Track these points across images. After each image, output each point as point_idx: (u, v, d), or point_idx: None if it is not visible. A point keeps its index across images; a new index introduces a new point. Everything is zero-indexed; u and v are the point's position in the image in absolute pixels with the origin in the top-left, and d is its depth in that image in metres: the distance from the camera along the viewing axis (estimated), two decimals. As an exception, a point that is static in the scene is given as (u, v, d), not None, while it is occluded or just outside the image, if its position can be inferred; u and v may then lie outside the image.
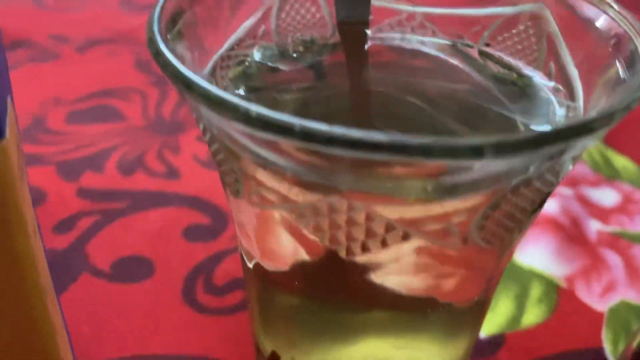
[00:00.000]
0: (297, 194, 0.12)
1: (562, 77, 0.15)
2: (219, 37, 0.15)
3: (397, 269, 0.13)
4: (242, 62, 0.16)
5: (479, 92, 0.16)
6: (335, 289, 0.15)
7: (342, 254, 0.13)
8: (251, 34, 0.16)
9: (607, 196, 0.31)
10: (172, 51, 0.12)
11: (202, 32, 0.15)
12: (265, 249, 0.15)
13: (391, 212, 0.11)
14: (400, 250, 0.12)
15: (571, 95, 0.14)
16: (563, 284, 0.26)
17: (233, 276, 0.25)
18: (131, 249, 0.25)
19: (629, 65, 0.12)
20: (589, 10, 0.15)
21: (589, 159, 0.34)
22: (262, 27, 0.17)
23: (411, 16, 0.18)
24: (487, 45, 0.17)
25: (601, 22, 0.14)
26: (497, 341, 0.23)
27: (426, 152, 0.09)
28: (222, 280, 0.24)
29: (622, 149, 0.35)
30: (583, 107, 0.13)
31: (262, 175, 0.12)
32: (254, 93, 0.15)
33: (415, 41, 0.18)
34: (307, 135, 0.09)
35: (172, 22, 0.14)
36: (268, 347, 0.17)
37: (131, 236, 0.26)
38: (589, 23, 0.15)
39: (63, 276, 0.24)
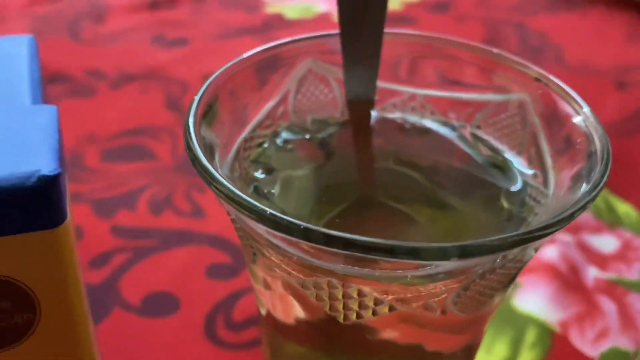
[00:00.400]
0: (301, 272, 0.14)
1: (540, 164, 0.17)
2: (243, 121, 0.18)
3: (386, 331, 0.15)
4: (262, 143, 0.18)
5: (470, 169, 0.18)
6: (334, 343, 0.17)
7: (340, 319, 0.15)
8: (271, 115, 0.19)
9: (606, 243, 0.33)
10: (203, 139, 0.14)
11: (229, 118, 0.17)
12: (275, 305, 0.17)
13: (378, 291, 0.13)
14: (388, 319, 0.14)
15: (545, 182, 0.16)
16: (557, 329, 0.28)
17: (250, 313, 0.27)
18: (159, 285, 0.28)
19: (590, 166, 0.15)
20: (564, 107, 0.17)
21: (592, 206, 0.35)
22: (281, 109, 0.19)
23: (412, 97, 0.20)
24: (478, 127, 0.19)
25: (573, 120, 0.16)
26: (492, 384, 0.25)
27: (404, 253, 0.11)
28: (240, 317, 0.27)
29: (627, 196, 0.36)
30: (552, 196, 0.16)
31: (274, 256, 0.14)
32: (271, 173, 0.17)
33: (415, 120, 0.20)
34: (308, 236, 0.12)
35: (205, 113, 0.16)
36: None
37: (160, 273, 0.28)
38: (563, 119, 0.17)
39: (98, 310, 0.26)
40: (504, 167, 0.18)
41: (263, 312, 0.18)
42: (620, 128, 0.42)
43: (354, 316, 0.14)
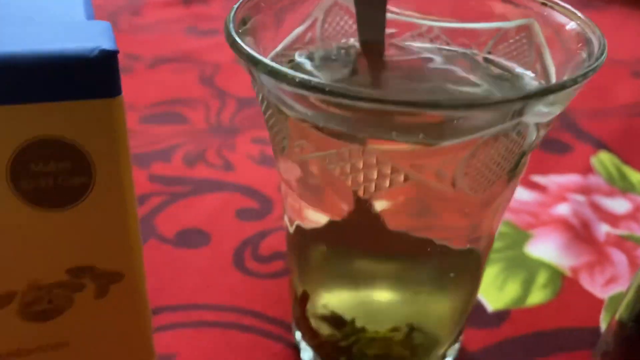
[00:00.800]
0: (326, 143, 0.16)
1: (545, 76, 0.19)
2: (274, 40, 0.20)
3: (401, 214, 0.17)
4: (291, 61, 0.20)
5: (481, 81, 0.20)
6: (356, 238, 0.18)
7: (361, 193, 0.17)
8: (300, 39, 0.21)
9: (619, 205, 0.34)
10: (243, 42, 0.17)
11: (262, 34, 0.20)
12: (304, 195, 0.19)
13: (395, 157, 0.15)
14: (403, 193, 0.16)
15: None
16: (568, 273, 0.29)
17: (276, 249, 0.29)
18: (192, 223, 0.30)
19: (589, 51, 0.16)
20: (566, 23, 0.19)
21: (605, 172, 0.37)
22: (309, 35, 0.21)
23: (429, 29, 0.22)
24: (490, 53, 0.21)
25: (574, 31, 0.18)
26: (502, 315, 0.26)
27: (416, 104, 0.13)
28: (267, 251, 0.29)
29: (639, 168, 0.37)
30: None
31: (302, 129, 0.16)
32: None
33: (433, 49, 0.22)
34: (332, 92, 0.14)
35: (242, 24, 0.18)
36: (300, 289, 0.21)
37: (192, 213, 0.30)
38: (566, 33, 0.18)
39: (135, 241, 0.28)
40: (512, 81, 0.20)
41: (292, 228, 0.20)
42: (634, 110, 0.44)
43: (372, 187, 0.16)
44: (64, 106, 0.15)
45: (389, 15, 0.22)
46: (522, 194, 0.34)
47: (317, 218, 0.19)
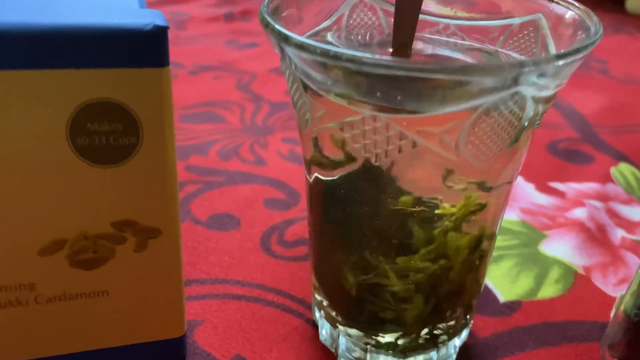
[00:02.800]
0: (342, 112, 0.18)
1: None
2: (302, 29, 0.22)
3: (411, 179, 0.19)
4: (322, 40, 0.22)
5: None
6: (369, 195, 0.20)
7: (373, 160, 0.18)
8: (327, 29, 0.23)
9: (636, 212, 0.35)
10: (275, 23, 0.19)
11: (290, 26, 0.22)
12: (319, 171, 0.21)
13: (403, 124, 0.17)
14: (411, 159, 0.18)
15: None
16: (581, 271, 0.30)
17: (300, 236, 0.31)
18: (224, 209, 0.32)
19: (587, 37, 0.18)
20: (570, 15, 0.20)
21: (624, 182, 0.37)
22: (335, 27, 0.23)
23: (446, 27, 0.24)
24: (501, 47, 0.23)
25: (575, 21, 0.20)
26: (514, 306, 0.28)
27: (416, 68, 0.15)
28: (292, 237, 0.30)
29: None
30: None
31: (321, 100, 0.18)
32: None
33: (450, 44, 0.24)
34: (350, 59, 0.16)
35: (274, 12, 0.21)
36: (316, 247, 0.23)
37: (224, 201, 0.33)
38: (568, 24, 0.20)
39: (171, 222, 0.31)
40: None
41: (311, 178, 0.22)
42: (660, 126, 0.45)
43: (383, 155, 0.18)
44: (119, 72, 0.18)
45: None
46: (539, 198, 0.35)
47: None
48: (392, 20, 0.24)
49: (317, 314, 0.25)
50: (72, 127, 0.18)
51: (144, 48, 0.18)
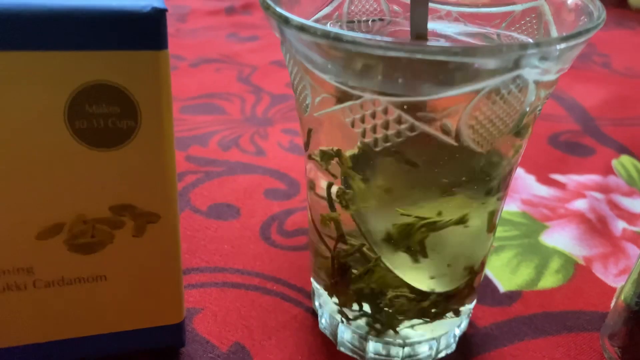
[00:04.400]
0: (343, 96, 0.18)
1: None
2: (303, 16, 0.22)
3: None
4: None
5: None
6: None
7: (373, 146, 0.18)
8: (328, 16, 0.23)
9: (638, 204, 0.35)
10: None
11: (292, 10, 0.22)
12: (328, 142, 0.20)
13: (402, 107, 0.17)
14: (411, 145, 0.18)
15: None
16: (581, 262, 0.30)
17: (299, 226, 0.30)
18: (223, 199, 0.32)
19: (590, 21, 0.18)
20: (572, 1, 0.20)
21: (625, 174, 0.37)
22: (336, 14, 0.23)
23: (448, 13, 0.24)
24: (503, 30, 0.23)
25: (578, 6, 0.20)
26: (514, 296, 0.27)
27: (427, 50, 0.15)
28: (291, 227, 0.30)
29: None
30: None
31: (322, 84, 0.18)
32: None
33: (452, 30, 0.23)
34: (351, 40, 0.15)
35: (275, -1, 0.21)
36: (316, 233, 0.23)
37: (224, 191, 0.33)
38: (571, 8, 0.20)
39: (170, 211, 0.30)
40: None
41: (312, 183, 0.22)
42: (662, 119, 0.45)
43: (382, 140, 0.18)
44: (118, 55, 0.18)
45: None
46: (541, 190, 0.35)
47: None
48: (393, 7, 0.24)
49: (316, 303, 0.25)
50: (70, 109, 0.18)
51: (142, 30, 0.18)
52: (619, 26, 0.67)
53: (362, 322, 0.23)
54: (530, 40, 0.15)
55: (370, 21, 0.23)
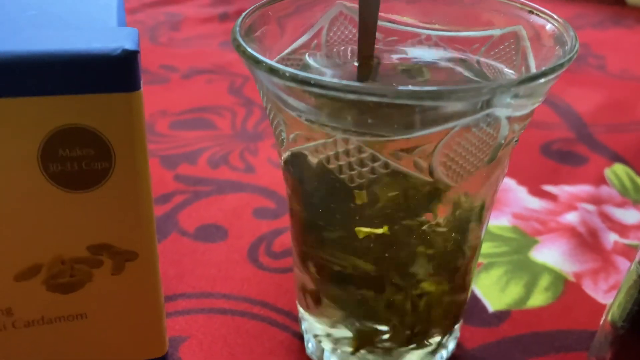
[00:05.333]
0: (316, 134, 0.17)
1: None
2: (281, 45, 0.22)
3: (389, 198, 0.19)
4: (298, 65, 0.22)
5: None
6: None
7: (348, 182, 0.18)
8: (306, 45, 0.23)
9: (630, 215, 0.34)
10: (247, 46, 0.18)
11: (269, 41, 0.21)
12: (296, 187, 0.20)
13: (375, 147, 0.17)
14: (385, 185, 0.18)
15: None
16: (571, 278, 0.30)
17: (287, 246, 0.30)
18: (212, 219, 0.32)
19: (563, 53, 0.18)
20: (548, 28, 0.20)
21: (618, 184, 0.37)
22: (315, 42, 0.23)
23: (428, 37, 0.24)
24: (482, 57, 0.22)
25: (553, 35, 0.20)
26: (502, 315, 0.27)
27: (393, 94, 0.15)
28: (279, 248, 0.30)
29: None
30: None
31: (295, 122, 0.18)
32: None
33: (430, 55, 0.23)
34: (318, 84, 0.15)
35: (249, 30, 0.20)
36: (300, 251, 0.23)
37: (212, 211, 0.32)
38: (547, 37, 0.20)
39: (158, 234, 0.30)
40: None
41: (293, 206, 0.22)
42: (656, 124, 0.44)
43: (356, 177, 0.18)
44: (89, 98, 0.18)
45: (391, 25, 0.24)
46: (532, 203, 0.35)
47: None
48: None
49: (303, 326, 0.25)
50: (43, 153, 0.18)
51: (113, 73, 0.17)
52: (616, 25, 0.67)
53: (348, 347, 0.23)
54: (499, 82, 0.15)
55: (349, 50, 0.23)
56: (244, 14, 0.20)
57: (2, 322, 0.19)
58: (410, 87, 0.15)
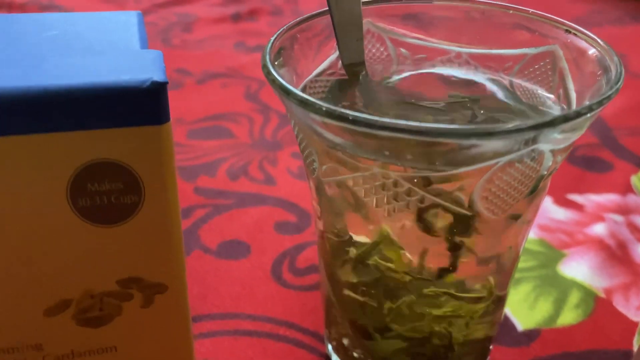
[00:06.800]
0: (350, 167, 0.17)
1: (566, 100, 0.19)
2: (309, 67, 0.21)
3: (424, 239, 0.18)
4: (326, 86, 0.21)
5: (505, 107, 0.21)
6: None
7: (385, 212, 0.18)
8: (332, 66, 0.22)
9: (658, 226, 0.34)
10: (277, 73, 0.18)
11: (298, 62, 0.21)
12: (330, 219, 0.20)
13: (411, 181, 0.16)
14: (423, 214, 0.17)
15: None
16: (601, 294, 0.29)
17: (312, 262, 0.30)
18: (234, 235, 0.31)
19: (607, 80, 0.17)
20: (584, 46, 0.19)
21: (645, 192, 0.36)
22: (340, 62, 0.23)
23: (458, 55, 0.23)
24: (516, 77, 0.22)
25: (595, 58, 0.19)
26: (532, 334, 0.27)
27: (426, 132, 0.14)
28: (303, 264, 0.30)
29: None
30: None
31: (329, 154, 0.17)
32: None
33: (460, 73, 0.23)
34: (356, 121, 0.15)
35: (277, 55, 0.20)
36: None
37: (234, 226, 0.32)
38: (587, 59, 0.19)
39: (181, 251, 0.30)
40: (535, 107, 0.20)
41: (321, 237, 0.22)
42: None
43: (393, 209, 0.17)
44: (118, 132, 0.17)
45: (418, 42, 0.23)
46: (558, 213, 0.34)
47: (343, 234, 0.20)
48: (400, 50, 0.24)
49: (329, 348, 0.25)
50: (72, 188, 0.17)
51: (142, 106, 0.17)
52: (636, 21, 0.66)
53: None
54: (546, 119, 0.14)
55: (377, 67, 0.23)
56: (273, 37, 0.20)
57: (33, 357, 0.19)
58: (454, 125, 0.14)
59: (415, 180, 0.16)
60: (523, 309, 0.28)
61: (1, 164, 0.17)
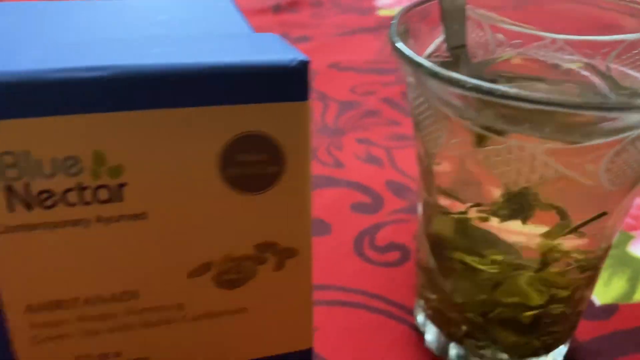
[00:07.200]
0: (483, 139, 0.18)
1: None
2: (420, 49, 0.23)
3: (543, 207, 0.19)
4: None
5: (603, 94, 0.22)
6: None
7: (511, 186, 0.19)
8: (438, 49, 0.24)
9: None
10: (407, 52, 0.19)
11: (411, 43, 0.22)
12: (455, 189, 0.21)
13: (548, 153, 0.18)
14: (550, 186, 0.19)
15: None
16: (670, 273, 0.30)
17: (390, 240, 0.31)
18: (314, 214, 0.33)
19: None
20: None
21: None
22: (445, 45, 0.24)
23: (553, 41, 0.24)
24: (612, 62, 0.23)
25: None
26: (611, 309, 0.28)
27: (577, 106, 0.16)
28: (382, 242, 0.31)
29: None
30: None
31: (460, 128, 0.19)
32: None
33: (557, 58, 0.24)
34: (505, 96, 0.16)
35: (403, 34, 0.21)
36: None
37: (314, 206, 0.33)
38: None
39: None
40: (636, 90, 0.22)
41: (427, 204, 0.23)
42: None
43: (523, 181, 0.19)
44: (267, 107, 0.18)
45: (515, 28, 0.25)
46: (619, 197, 0.36)
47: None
48: (498, 35, 0.25)
49: (419, 319, 0.26)
50: (222, 158, 0.19)
51: (289, 83, 0.18)
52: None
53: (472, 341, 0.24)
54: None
55: (476, 52, 0.24)
56: (396, 17, 0.21)
57: (174, 316, 0.21)
58: (598, 99, 0.15)
59: (551, 153, 0.18)
60: (599, 286, 0.29)
61: (159, 135, 0.18)
